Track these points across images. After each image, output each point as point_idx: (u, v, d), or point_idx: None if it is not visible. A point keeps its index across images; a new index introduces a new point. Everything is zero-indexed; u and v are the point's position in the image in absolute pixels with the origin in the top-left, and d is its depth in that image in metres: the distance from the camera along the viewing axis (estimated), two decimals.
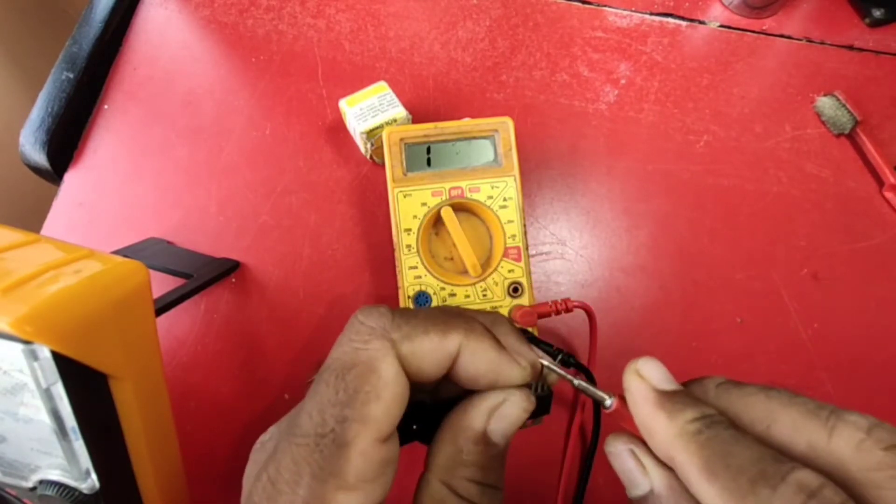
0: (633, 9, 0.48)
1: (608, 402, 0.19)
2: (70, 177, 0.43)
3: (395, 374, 0.18)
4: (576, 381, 0.20)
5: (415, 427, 0.21)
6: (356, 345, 0.18)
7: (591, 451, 0.35)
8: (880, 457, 0.14)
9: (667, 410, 0.17)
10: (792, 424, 0.16)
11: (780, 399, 0.16)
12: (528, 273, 0.33)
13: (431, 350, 0.19)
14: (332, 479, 0.16)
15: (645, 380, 0.18)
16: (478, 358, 0.19)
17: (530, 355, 0.20)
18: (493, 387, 0.20)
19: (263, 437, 0.20)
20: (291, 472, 0.16)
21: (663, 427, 0.17)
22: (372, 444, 0.17)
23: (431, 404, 0.22)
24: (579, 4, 0.49)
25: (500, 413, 0.19)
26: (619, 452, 0.18)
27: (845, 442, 0.15)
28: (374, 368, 0.17)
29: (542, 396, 0.21)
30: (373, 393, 0.17)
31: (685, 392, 0.18)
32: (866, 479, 0.14)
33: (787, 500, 0.14)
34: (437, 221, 0.33)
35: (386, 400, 0.17)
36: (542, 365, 0.21)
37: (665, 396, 0.17)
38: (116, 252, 0.37)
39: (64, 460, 0.21)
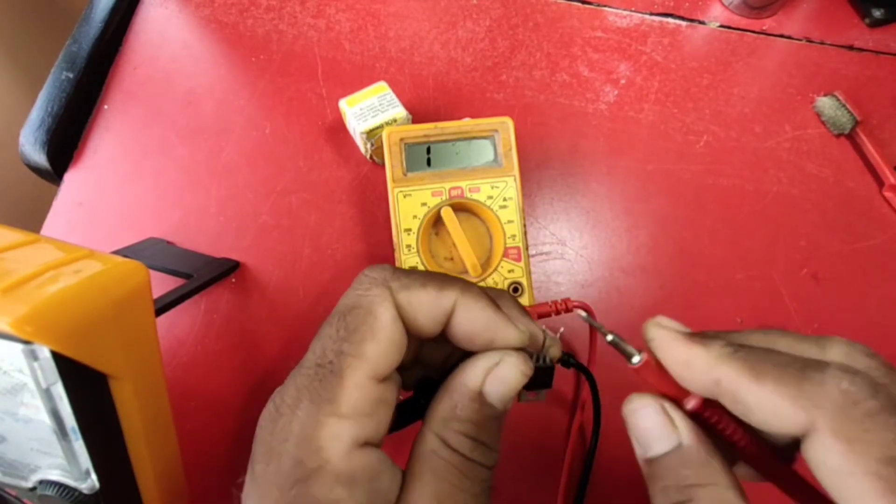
0: (633, 9, 0.48)
1: (636, 357, 0.19)
2: (70, 177, 0.43)
3: (392, 319, 0.19)
4: (609, 336, 0.20)
5: (422, 401, 0.22)
6: (358, 292, 0.19)
7: (591, 450, 0.35)
8: (867, 361, 0.17)
9: (699, 343, 0.18)
10: (790, 346, 0.18)
11: (775, 333, 0.19)
12: (528, 273, 0.33)
13: (428, 302, 0.19)
14: (326, 405, 0.17)
15: (667, 328, 0.19)
16: (473, 315, 0.20)
17: (531, 325, 0.21)
18: (489, 347, 0.20)
19: (279, 388, 0.21)
20: (292, 398, 0.18)
21: (702, 355, 0.17)
22: (366, 379, 0.18)
23: (439, 381, 0.22)
24: (579, 4, 0.49)
25: (496, 374, 0.19)
26: (645, 407, 0.19)
27: (837, 354, 0.17)
28: (372, 311, 0.19)
29: (543, 368, 0.21)
30: (369, 332, 0.18)
31: (705, 332, 0.19)
32: None
33: (837, 377, 0.15)
34: (437, 221, 0.33)
35: (381, 341, 0.18)
36: (545, 337, 0.21)
37: (691, 336, 0.18)
38: (116, 252, 0.37)
39: (64, 460, 0.21)
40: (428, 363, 0.23)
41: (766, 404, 0.16)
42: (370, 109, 0.38)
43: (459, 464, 0.18)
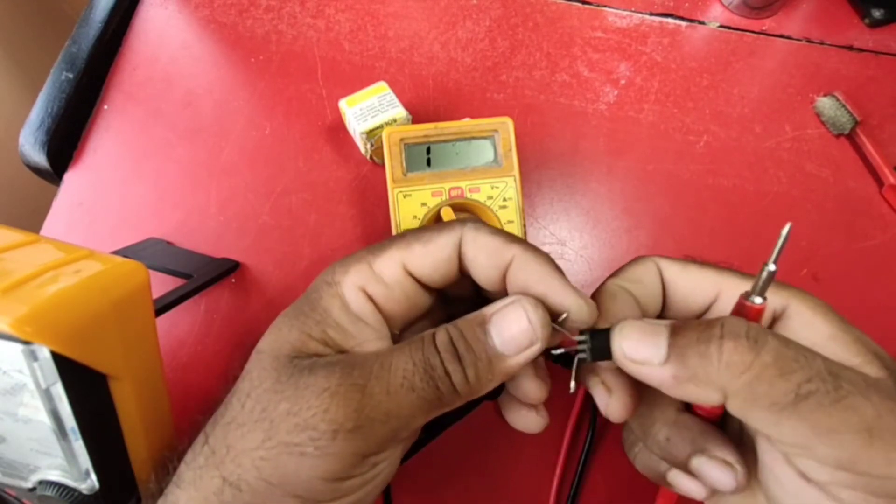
0: (633, 9, 0.48)
1: (758, 299, 0.19)
2: (70, 177, 0.43)
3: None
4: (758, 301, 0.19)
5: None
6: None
7: (586, 451, 0.35)
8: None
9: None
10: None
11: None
12: None
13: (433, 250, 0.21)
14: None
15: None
16: (478, 245, 0.21)
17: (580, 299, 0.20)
18: (503, 269, 0.21)
19: None
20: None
21: (649, 268, 0.24)
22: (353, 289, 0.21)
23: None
24: (579, 4, 0.49)
25: (503, 310, 0.19)
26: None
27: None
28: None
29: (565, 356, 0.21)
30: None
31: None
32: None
33: (727, 267, 0.22)
34: (437, 222, 0.33)
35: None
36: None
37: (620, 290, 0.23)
38: (116, 252, 0.37)
39: (63, 461, 0.21)
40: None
41: (696, 283, 0.22)
42: (370, 109, 0.38)
43: (428, 356, 0.19)
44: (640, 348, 0.18)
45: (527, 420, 0.22)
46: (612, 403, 0.20)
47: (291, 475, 0.18)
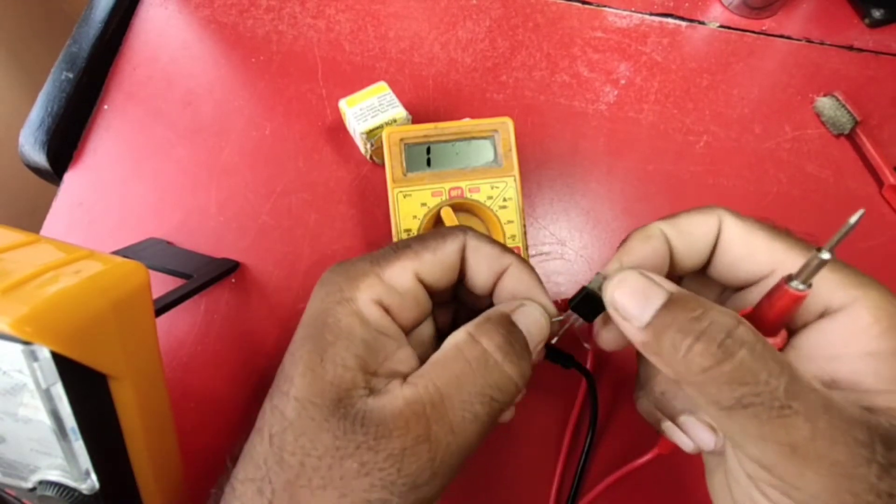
0: (633, 9, 0.48)
1: (803, 286, 0.19)
2: (70, 177, 0.43)
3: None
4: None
5: None
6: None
7: (586, 451, 0.35)
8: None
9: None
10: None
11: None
12: None
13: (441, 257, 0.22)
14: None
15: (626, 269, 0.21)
16: (480, 253, 0.22)
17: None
18: (498, 276, 0.23)
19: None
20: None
21: (704, 220, 0.23)
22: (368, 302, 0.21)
23: None
24: (579, 4, 0.49)
25: (523, 308, 0.22)
26: (630, 275, 0.20)
27: None
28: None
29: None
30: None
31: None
32: None
33: (794, 235, 0.21)
34: (437, 222, 0.33)
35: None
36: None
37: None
38: (116, 252, 0.37)
39: (64, 461, 0.21)
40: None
41: (751, 252, 0.21)
42: (370, 110, 0.38)
43: (475, 358, 0.19)
44: (628, 304, 0.19)
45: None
46: (603, 334, 0.22)
47: None
